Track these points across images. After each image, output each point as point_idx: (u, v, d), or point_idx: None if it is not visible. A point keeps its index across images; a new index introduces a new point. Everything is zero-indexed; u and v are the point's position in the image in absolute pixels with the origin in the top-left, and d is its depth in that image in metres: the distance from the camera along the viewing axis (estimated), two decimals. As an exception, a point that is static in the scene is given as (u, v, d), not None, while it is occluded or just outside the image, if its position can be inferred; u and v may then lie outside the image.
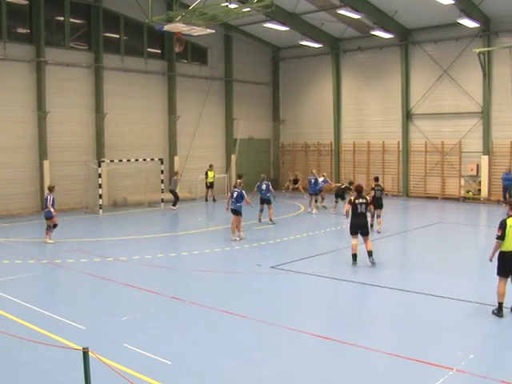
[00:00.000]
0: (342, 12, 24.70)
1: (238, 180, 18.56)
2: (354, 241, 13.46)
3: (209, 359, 7.90)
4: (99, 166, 23.35)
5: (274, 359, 7.94)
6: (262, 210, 20.26)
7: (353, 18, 25.63)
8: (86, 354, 5.60)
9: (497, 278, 9.62)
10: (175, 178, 25.21)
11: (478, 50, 24.74)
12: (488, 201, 26.02)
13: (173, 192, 24.73)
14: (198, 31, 20.40)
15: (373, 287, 11.66)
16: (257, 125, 32.48)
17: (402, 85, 28.49)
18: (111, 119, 25.51)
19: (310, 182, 23.34)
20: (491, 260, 9.76)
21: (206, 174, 27.85)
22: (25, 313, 9.90)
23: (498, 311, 9.49)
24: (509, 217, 9.59)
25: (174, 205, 24.43)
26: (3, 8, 22.38)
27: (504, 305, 9.51)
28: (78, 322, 9.33)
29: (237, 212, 17.00)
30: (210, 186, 27.82)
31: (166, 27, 19.99)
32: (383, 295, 11.15)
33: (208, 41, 28.72)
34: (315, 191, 23.23)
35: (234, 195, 17.09)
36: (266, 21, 27.02)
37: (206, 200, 27.61)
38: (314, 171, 24.37)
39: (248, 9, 19.31)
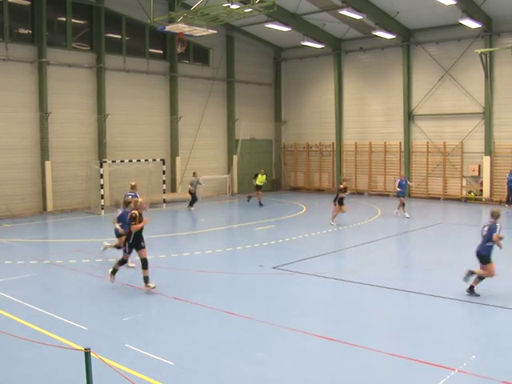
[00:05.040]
0: (343, 12, 24.70)
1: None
2: None
3: (211, 360, 7.90)
4: (101, 167, 23.36)
5: (276, 359, 7.94)
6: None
7: (355, 18, 25.63)
8: (87, 354, 5.61)
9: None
10: (195, 179, 24.70)
11: (479, 51, 24.71)
12: (490, 201, 25.99)
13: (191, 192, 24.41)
14: (199, 32, 20.40)
15: (374, 287, 11.64)
16: (259, 125, 32.50)
17: (403, 85, 28.48)
18: (113, 120, 25.52)
19: (400, 183, 22.03)
20: None
21: (256, 175, 26.10)
22: (27, 313, 9.90)
23: None
24: None
25: (190, 205, 24.21)
26: (5, 8, 22.41)
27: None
28: (80, 323, 9.33)
29: None
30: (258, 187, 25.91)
31: (168, 28, 20.01)
32: (385, 295, 11.14)
33: (210, 41, 28.74)
34: (403, 194, 22.01)
35: None
36: (267, 21, 27.06)
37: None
38: (402, 173, 24.39)
39: (250, 9, 19.30)
